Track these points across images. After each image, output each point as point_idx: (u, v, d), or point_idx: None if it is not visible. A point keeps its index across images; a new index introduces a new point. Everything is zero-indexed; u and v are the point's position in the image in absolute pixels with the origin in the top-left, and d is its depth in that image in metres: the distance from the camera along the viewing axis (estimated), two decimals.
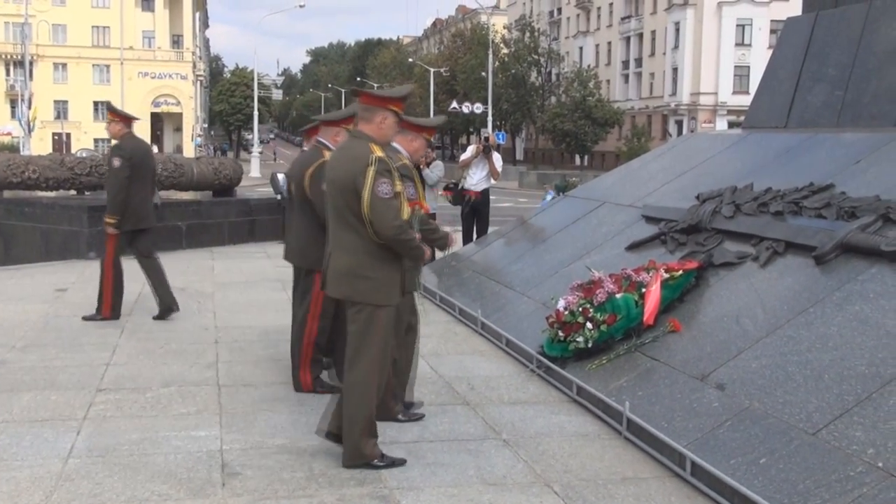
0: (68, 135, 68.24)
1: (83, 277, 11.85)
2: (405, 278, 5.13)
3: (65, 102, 71.90)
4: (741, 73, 60.93)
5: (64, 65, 72.79)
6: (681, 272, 6.77)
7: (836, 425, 4.59)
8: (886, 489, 4.03)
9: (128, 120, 8.99)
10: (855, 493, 4.10)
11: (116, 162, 8.70)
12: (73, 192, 15.58)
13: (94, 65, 73.43)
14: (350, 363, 5.01)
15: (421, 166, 12.26)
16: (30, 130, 50.99)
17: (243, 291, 10.00)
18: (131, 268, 12.75)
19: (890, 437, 4.32)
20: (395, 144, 5.79)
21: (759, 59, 56.49)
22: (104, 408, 6.15)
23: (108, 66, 73.73)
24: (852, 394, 4.74)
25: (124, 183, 8.70)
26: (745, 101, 45.82)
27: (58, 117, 69.14)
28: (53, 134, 68.53)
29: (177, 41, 77.17)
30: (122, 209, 8.77)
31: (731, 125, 53.78)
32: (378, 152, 4.83)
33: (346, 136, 5.28)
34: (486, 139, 12.49)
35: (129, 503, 4.57)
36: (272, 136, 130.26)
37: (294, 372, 6.62)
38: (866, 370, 4.85)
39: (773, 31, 56.82)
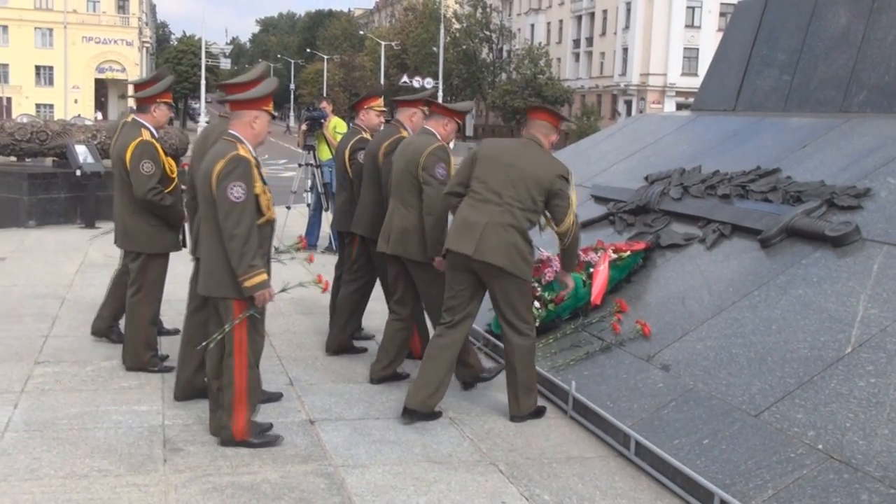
0: (9, 99, 66.62)
1: (22, 246, 11.60)
2: None
3: (5, 66, 70.04)
4: (690, 55, 61.39)
5: (5, 27, 70.81)
6: (628, 253, 6.80)
7: (779, 407, 4.66)
8: (826, 471, 4.10)
9: None
10: (795, 474, 4.16)
11: None
12: (13, 158, 15.19)
13: (36, 28, 71.53)
14: (515, 327, 5.52)
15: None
16: None
17: (189, 264, 9.80)
18: (70, 237, 12.51)
19: (830, 419, 4.39)
20: (428, 128, 6.10)
21: (708, 41, 57.01)
22: (43, 381, 6.03)
23: (50, 30, 71.94)
24: (794, 376, 4.81)
25: None
26: (694, 82, 46.17)
27: None
28: None
29: (122, 6, 75.42)
30: None
31: (679, 107, 54.31)
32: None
33: (526, 139, 5.69)
34: None
35: (67, 478, 4.49)
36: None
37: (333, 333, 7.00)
38: (808, 353, 4.92)
39: (722, 14, 57.30)
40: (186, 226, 6.65)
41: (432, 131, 6.05)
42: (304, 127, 12.22)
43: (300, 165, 12.63)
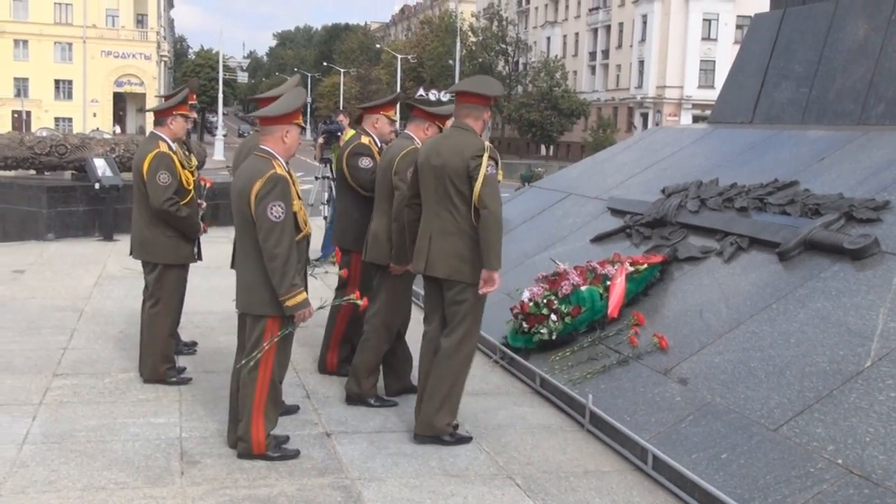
0: (28, 113, 67.05)
1: (41, 259, 11.67)
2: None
3: (25, 80, 70.49)
4: (707, 68, 61.30)
5: (25, 41, 71.34)
6: (645, 266, 6.78)
7: (798, 421, 4.63)
8: (846, 486, 4.06)
9: None
10: (815, 489, 4.13)
11: None
12: (32, 171, 15.32)
13: (55, 42, 72.02)
14: (443, 338, 5.29)
15: None
16: None
17: (207, 277, 9.87)
18: (89, 250, 12.58)
19: (850, 433, 4.36)
20: (408, 132, 6.05)
21: (724, 53, 56.89)
22: (61, 393, 6.06)
23: (70, 45, 72.43)
24: (813, 390, 4.78)
25: None
26: (710, 95, 46.05)
27: (18, 95, 67.89)
28: (13, 112, 67.29)
29: (141, 20, 75.93)
30: None
31: (695, 119, 54.20)
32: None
33: (452, 128, 5.45)
34: None
35: (85, 491, 4.50)
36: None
37: (322, 352, 6.79)
38: (828, 367, 4.88)
39: (738, 27, 57.22)
40: (202, 238, 6.71)
41: (411, 135, 6.02)
42: (321, 140, 12.28)
43: (317, 178, 12.67)
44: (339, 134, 12.02)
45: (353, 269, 6.47)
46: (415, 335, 5.77)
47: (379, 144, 6.42)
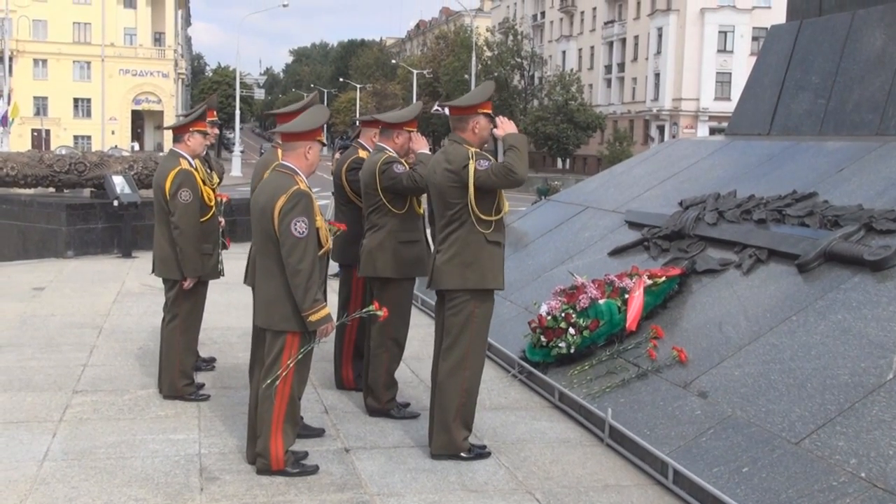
0: (48, 131, 67.65)
1: (61, 276, 11.74)
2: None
3: (44, 99, 71.25)
4: (723, 80, 61.14)
5: (44, 61, 72.12)
6: (664, 278, 6.75)
7: (819, 435, 4.59)
8: (869, 499, 4.02)
9: None
10: (837, 503, 4.08)
11: None
12: (51, 189, 15.45)
13: (74, 61, 72.78)
14: (445, 353, 5.27)
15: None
16: (7, 125, 50.29)
17: (224, 293, 9.91)
18: (108, 267, 12.64)
19: (872, 446, 4.32)
20: (381, 144, 6.09)
21: (740, 65, 56.80)
22: (81, 410, 6.08)
23: (88, 63, 73.16)
24: (835, 403, 4.74)
25: None
26: (727, 107, 45.92)
27: (37, 113, 68.57)
28: (33, 130, 67.89)
29: (158, 39, 76.59)
30: None
31: (712, 131, 54.01)
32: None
33: (447, 142, 5.46)
34: None
35: None
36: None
37: (336, 369, 6.79)
38: (849, 379, 4.84)
39: (754, 38, 57.10)
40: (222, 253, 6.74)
41: (383, 147, 6.07)
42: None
43: (333, 194, 12.69)
44: None
45: (355, 285, 6.49)
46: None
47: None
